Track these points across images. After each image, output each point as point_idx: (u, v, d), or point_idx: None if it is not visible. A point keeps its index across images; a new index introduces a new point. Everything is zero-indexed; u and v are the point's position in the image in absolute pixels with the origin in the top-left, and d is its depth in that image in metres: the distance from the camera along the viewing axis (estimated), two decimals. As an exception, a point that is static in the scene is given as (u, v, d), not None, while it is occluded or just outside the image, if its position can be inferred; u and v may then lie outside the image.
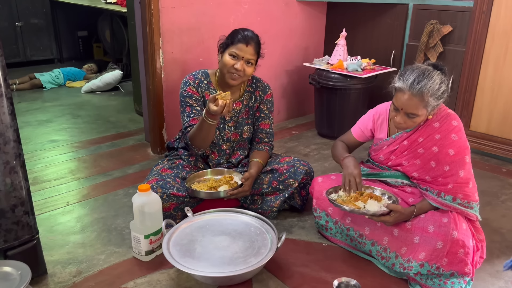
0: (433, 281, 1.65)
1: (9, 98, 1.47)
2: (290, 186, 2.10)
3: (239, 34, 2.04)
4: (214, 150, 2.21)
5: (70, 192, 2.43)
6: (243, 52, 2.02)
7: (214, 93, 2.12)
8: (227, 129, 2.18)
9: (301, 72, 3.64)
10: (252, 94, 2.22)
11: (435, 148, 1.75)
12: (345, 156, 1.93)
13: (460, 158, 1.71)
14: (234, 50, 2.02)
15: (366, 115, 2.02)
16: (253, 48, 2.04)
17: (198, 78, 2.15)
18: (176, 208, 1.99)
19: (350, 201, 1.81)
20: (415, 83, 1.66)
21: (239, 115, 2.20)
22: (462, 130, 1.76)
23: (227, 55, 2.04)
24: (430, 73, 1.68)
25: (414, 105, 1.68)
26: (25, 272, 1.46)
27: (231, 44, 2.04)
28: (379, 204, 1.78)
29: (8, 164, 1.50)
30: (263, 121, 2.24)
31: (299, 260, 1.86)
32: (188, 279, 1.72)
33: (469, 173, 1.73)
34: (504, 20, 2.70)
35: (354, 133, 2.05)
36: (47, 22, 5.63)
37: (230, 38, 2.06)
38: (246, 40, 2.02)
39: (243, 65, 2.03)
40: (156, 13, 2.60)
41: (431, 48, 3.02)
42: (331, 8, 3.69)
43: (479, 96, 2.90)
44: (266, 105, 2.25)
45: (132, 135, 3.31)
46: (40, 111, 3.88)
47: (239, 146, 2.25)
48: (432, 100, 1.67)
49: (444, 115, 1.79)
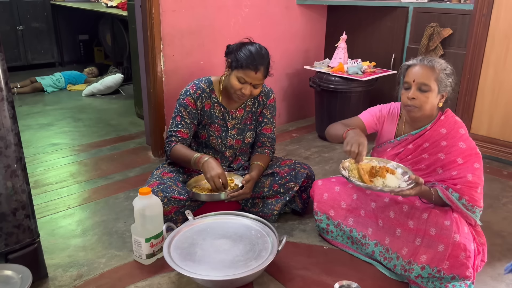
0: (434, 284, 1.64)
1: (10, 101, 1.47)
2: (291, 189, 2.10)
3: (249, 58, 1.93)
4: (216, 157, 2.21)
5: (71, 196, 2.43)
6: (251, 79, 1.95)
7: (215, 102, 2.12)
8: (229, 136, 2.17)
9: (301, 75, 3.64)
10: (255, 99, 2.20)
11: (442, 155, 1.75)
12: (348, 129, 1.78)
13: (469, 165, 1.71)
14: (242, 75, 1.95)
15: (380, 106, 1.97)
16: (262, 73, 1.97)
17: (200, 88, 2.10)
18: (177, 211, 1.99)
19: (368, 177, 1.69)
20: (426, 59, 1.76)
21: (242, 121, 2.19)
22: (469, 138, 1.77)
23: (235, 77, 1.97)
24: (438, 59, 1.78)
25: (426, 75, 1.72)
26: (26, 275, 1.46)
27: (240, 68, 1.95)
28: (395, 178, 1.69)
29: (9, 167, 1.51)
30: (266, 126, 2.23)
31: (300, 263, 1.86)
32: (189, 283, 1.72)
33: (479, 179, 1.71)
34: (504, 22, 2.70)
35: (363, 118, 1.95)
36: (48, 26, 5.65)
37: (239, 60, 1.94)
38: (255, 66, 1.93)
39: (251, 89, 1.99)
40: (157, 17, 2.61)
41: (431, 51, 3.02)
42: (332, 11, 3.70)
43: (479, 99, 2.90)
44: (269, 110, 2.23)
45: (133, 138, 3.32)
46: (41, 115, 3.88)
47: (241, 151, 2.26)
48: (442, 75, 1.71)
49: (452, 122, 1.78)
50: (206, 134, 2.17)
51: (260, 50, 1.98)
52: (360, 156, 1.66)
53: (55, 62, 5.86)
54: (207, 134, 2.16)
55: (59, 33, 5.80)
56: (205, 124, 2.15)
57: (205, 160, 1.95)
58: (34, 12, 5.49)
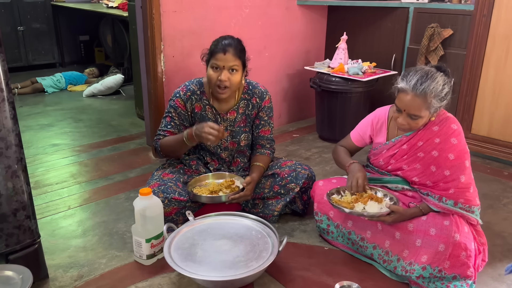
0: (435, 284, 1.64)
1: (11, 102, 1.47)
2: (292, 190, 2.10)
3: (215, 44, 2.00)
4: (214, 158, 2.21)
5: (71, 196, 2.43)
6: (223, 62, 1.96)
7: (206, 104, 2.12)
8: (223, 139, 2.17)
9: (302, 76, 3.64)
10: (249, 101, 2.18)
11: (435, 152, 1.75)
12: (350, 162, 1.93)
13: (461, 162, 1.72)
14: (214, 61, 1.97)
15: (365, 119, 2.02)
16: (232, 54, 1.96)
17: (190, 89, 2.12)
18: (177, 212, 1.99)
19: (350, 202, 1.81)
20: (418, 84, 1.67)
21: (235, 124, 2.17)
22: (461, 134, 1.76)
23: (210, 68, 2.01)
24: (434, 75, 1.69)
25: (417, 106, 1.68)
26: (26, 276, 1.46)
27: (211, 56, 2.00)
28: (380, 206, 1.78)
29: (10, 168, 1.51)
30: (263, 128, 2.22)
31: (300, 264, 1.86)
32: (190, 283, 1.72)
33: (470, 178, 1.73)
34: (504, 23, 2.70)
35: (353, 138, 2.05)
36: (49, 26, 5.65)
37: (209, 50, 2.02)
38: (223, 48, 1.95)
39: (227, 74, 1.97)
40: (158, 18, 2.61)
41: (432, 52, 3.03)
42: (332, 12, 3.70)
43: (480, 99, 2.90)
44: (265, 112, 2.21)
45: (134, 139, 3.32)
46: (41, 115, 3.89)
47: (238, 153, 2.25)
48: (435, 101, 1.68)
49: (444, 119, 1.79)
50: None
51: (226, 35, 2.04)
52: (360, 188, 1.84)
53: (56, 62, 5.86)
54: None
55: (60, 34, 5.81)
56: None
57: (195, 127, 1.92)
58: (35, 13, 5.49)
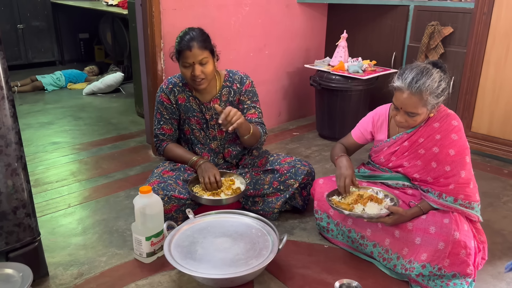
0: (435, 282, 1.64)
1: (11, 100, 1.47)
2: (291, 186, 2.10)
3: (179, 43, 1.99)
4: (204, 151, 2.21)
5: (71, 194, 2.43)
6: (191, 58, 1.96)
7: (189, 95, 2.14)
8: (210, 128, 2.18)
9: (302, 74, 3.64)
10: (230, 88, 2.18)
11: (436, 149, 1.76)
12: (339, 155, 1.93)
13: (461, 158, 1.72)
14: (183, 60, 1.98)
15: (366, 117, 2.02)
16: (198, 48, 1.96)
17: (172, 82, 2.15)
18: (177, 210, 1.99)
19: (350, 204, 1.81)
20: (414, 81, 1.67)
21: (220, 112, 2.18)
22: (462, 130, 1.77)
23: (181, 67, 2.02)
24: (429, 71, 1.69)
25: (413, 104, 1.69)
26: (26, 274, 1.46)
27: (179, 55, 2.00)
28: (380, 207, 1.78)
29: (10, 166, 1.51)
30: (249, 112, 2.18)
31: (300, 262, 1.86)
32: (190, 281, 1.72)
33: (470, 174, 1.73)
34: (505, 21, 2.69)
35: (354, 135, 2.05)
36: (48, 24, 5.64)
37: (175, 49, 2.02)
38: (187, 45, 1.95)
39: (199, 68, 1.98)
40: (157, 15, 2.61)
41: (432, 50, 3.02)
42: (332, 10, 3.69)
43: (480, 97, 2.89)
44: (247, 96, 2.19)
45: (134, 137, 3.32)
46: (41, 113, 3.89)
47: (229, 142, 2.24)
48: (431, 98, 1.67)
49: (444, 115, 1.79)
50: (189, 129, 2.20)
51: (187, 29, 2.03)
52: (347, 188, 1.84)
53: (56, 60, 5.86)
54: (190, 129, 2.19)
55: (60, 32, 5.80)
56: (185, 119, 2.18)
57: (201, 163, 2.07)
58: (35, 11, 5.48)
